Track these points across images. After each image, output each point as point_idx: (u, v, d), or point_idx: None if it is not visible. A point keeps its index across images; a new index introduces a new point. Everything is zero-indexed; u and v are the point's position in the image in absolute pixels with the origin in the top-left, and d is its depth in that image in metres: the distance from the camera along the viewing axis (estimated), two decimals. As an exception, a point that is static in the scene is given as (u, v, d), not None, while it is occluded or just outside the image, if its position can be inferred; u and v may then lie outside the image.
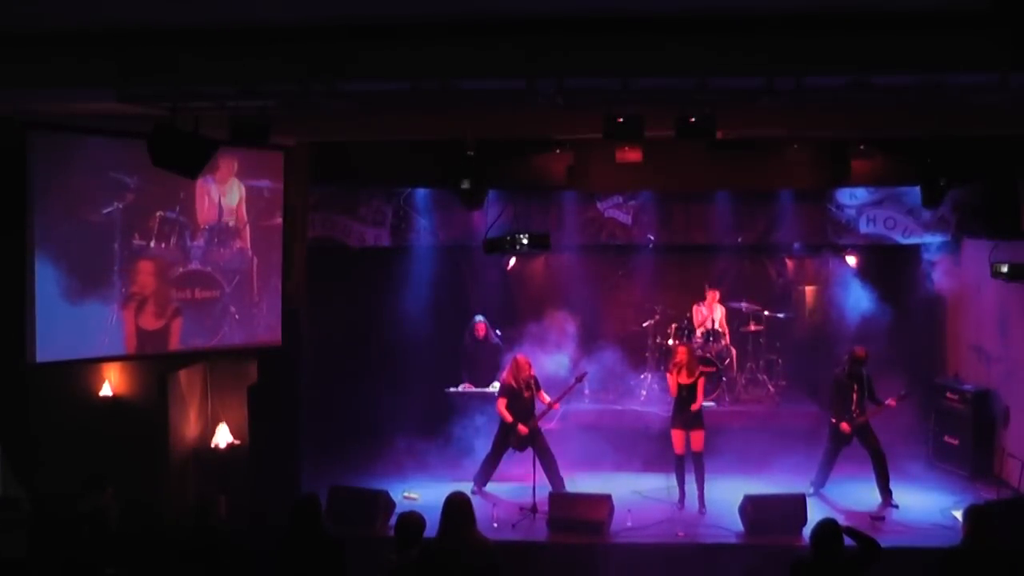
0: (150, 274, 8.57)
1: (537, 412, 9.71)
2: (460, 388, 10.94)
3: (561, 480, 9.63)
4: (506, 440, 9.79)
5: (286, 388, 9.51)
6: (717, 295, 11.92)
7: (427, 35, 6.32)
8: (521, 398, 9.69)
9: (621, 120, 6.87)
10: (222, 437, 9.64)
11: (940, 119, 7.84)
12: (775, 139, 10.05)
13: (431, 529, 6.01)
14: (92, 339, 8.28)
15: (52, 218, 7.93)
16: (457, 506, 5.96)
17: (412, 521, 5.78)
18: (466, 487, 9.59)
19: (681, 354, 9.63)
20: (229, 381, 9.73)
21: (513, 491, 9.77)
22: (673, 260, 12.43)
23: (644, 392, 11.69)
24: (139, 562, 6.65)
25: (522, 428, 9.61)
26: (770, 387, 11.74)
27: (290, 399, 9.52)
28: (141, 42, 6.48)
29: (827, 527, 5.72)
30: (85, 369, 8.74)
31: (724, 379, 11.43)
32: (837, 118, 8.20)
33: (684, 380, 9.50)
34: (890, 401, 9.53)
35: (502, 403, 9.76)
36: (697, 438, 9.48)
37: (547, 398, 9.73)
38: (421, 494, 9.48)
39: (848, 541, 5.76)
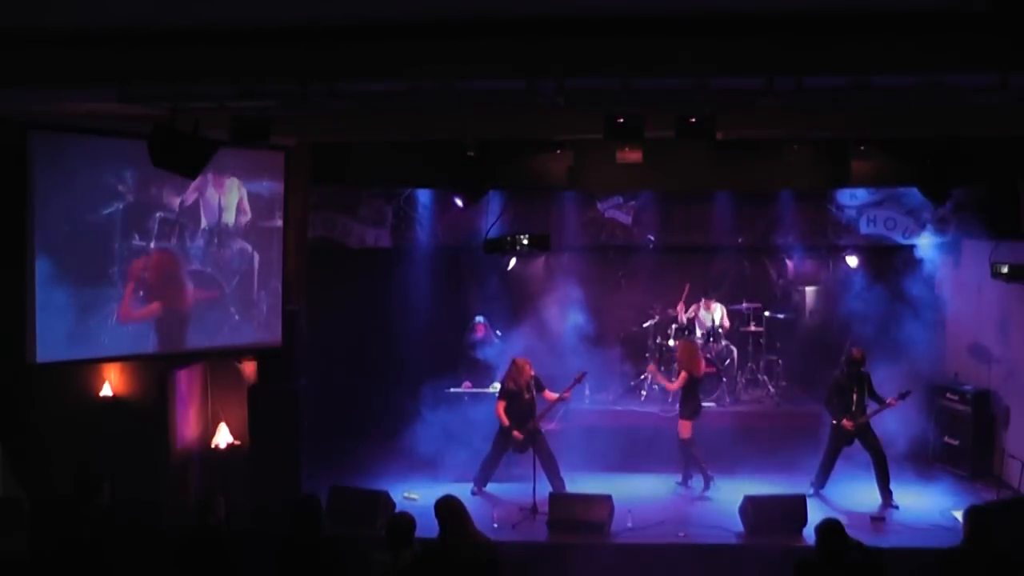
0: (150, 275, 8.56)
1: (539, 411, 9.71)
2: (460, 388, 10.93)
3: (562, 481, 9.62)
4: (506, 441, 9.77)
5: (286, 388, 9.50)
6: (714, 302, 11.94)
7: (427, 35, 6.31)
8: (521, 400, 9.68)
9: (621, 120, 6.87)
10: (222, 437, 9.65)
11: (940, 119, 7.84)
12: (775, 139, 10.04)
13: (429, 530, 6.01)
14: (92, 339, 8.26)
15: (52, 218, 7.91)
16: (450, 508, 5.97)
17: (403, 522, 5.78)
18: (466, 487, 9.64)
19: (694, 349, 10.11)
20: (229, 381, 9.73)
21: (513, 491, 9.76)
22: (673, 261, 12.42)
23: (644, 392, 11.68)
24: (140, 562, 6.66)
25: (516, 434, 9.61)
26: (770, 387, 11.74)
27: (290, 399, 9.51)
28: (141, 42, 6.48)
29: (830, 525, 5.72)
30: (85, 369, 8.74)
31: (724, 380, 11.43)
32: (837, 118, 8.20)
33: (697, 372, 9.96)
34: (891, 400, 9.52)
35: (501, 406, 9.75)
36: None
37: (552, 395, 9.72)
38: (421, 494, 9.46)
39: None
